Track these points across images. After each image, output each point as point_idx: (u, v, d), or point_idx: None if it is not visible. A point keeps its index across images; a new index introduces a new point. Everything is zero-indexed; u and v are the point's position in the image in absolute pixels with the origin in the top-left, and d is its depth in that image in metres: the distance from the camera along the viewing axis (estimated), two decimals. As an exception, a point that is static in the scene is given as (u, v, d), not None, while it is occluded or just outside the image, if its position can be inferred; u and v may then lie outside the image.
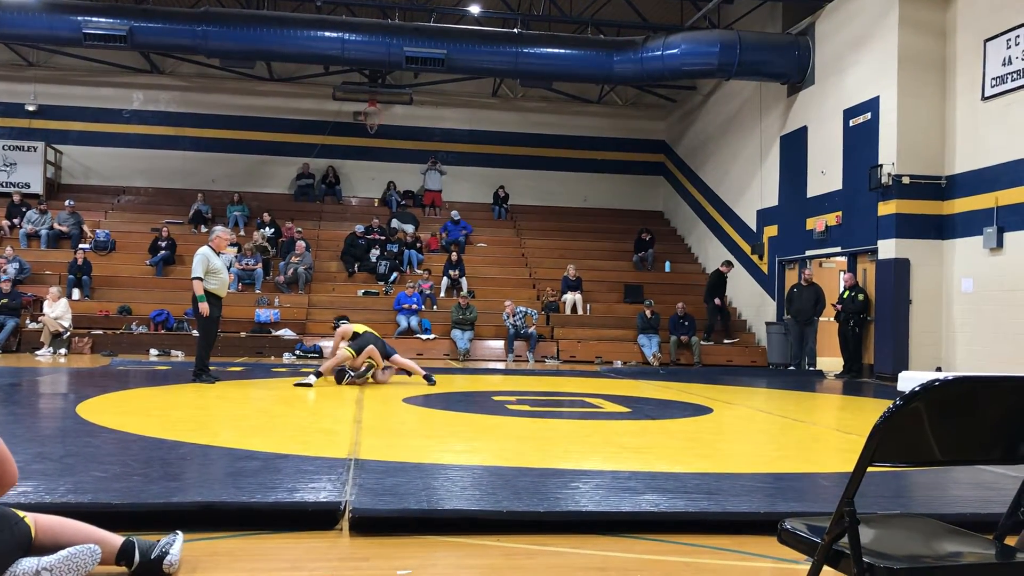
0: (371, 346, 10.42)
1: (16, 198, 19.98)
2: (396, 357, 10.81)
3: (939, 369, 13.50)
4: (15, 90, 22.21)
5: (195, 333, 16.31)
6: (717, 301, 18.18)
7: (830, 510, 2.03)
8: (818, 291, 15.92)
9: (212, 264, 10.06)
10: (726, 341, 18.14)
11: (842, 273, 15.72)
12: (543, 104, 24.22)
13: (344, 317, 12.08)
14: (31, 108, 22.24)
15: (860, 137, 15.03)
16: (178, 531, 3.17)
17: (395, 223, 21.55)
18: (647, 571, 3.26)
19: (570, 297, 19.16)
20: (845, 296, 15.05)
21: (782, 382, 13.48)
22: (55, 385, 9.82)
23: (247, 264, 18.52)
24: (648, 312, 17.91)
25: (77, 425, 6.24)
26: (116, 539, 3.03)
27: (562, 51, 18.07)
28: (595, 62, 18.04)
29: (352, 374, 10.28)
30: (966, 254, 13.45)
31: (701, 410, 8.58)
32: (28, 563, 2.82)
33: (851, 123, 15.35)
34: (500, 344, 17.67)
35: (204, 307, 9.88)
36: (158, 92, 22.96)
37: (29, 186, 20.96)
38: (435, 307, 18.47)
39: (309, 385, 9.86)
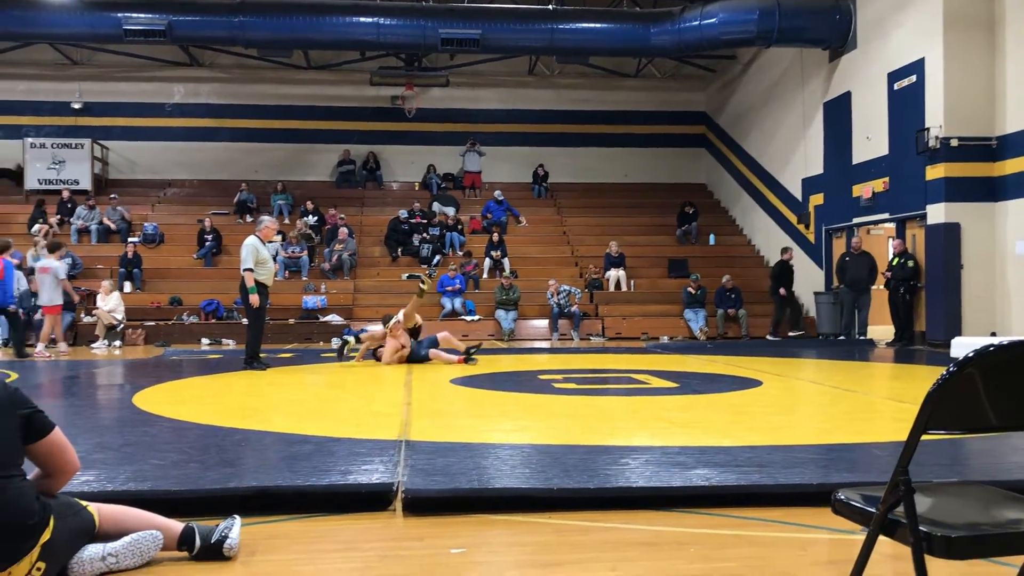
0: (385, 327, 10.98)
1: (65, 195, 20.37)
2: (433, 351, 11.00)
3: (994, 334, 13.23)
4: (61, 89, 22.62)
5: (244, 321, 16.60)
6: (783, 291, 17.19)
7: (884, 480, 2.00)
8: (871, 259, 15.67)
9: (260, 254, 10.24)
10: (791, 334, 17.16)
11: (891, 240, 15.44)
12: (580, 80, 24.04)
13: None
14: (77, 106, 22.64)
15: (906, 100, 14.71)
16: (236, 515, 3.24)
17: (436, 206, 21.60)
18: (700, 544, 3.26)
19: (613, 274, 19.08)
20: (894, 263, 14.79)
21: (832, 352, 13.32)
22: (111, 376, 10.05)
23: (292, 252, 18.72)
24: (694, 286, 17.79)
25: (134, 415, 6.38)
26: (177, 525, 3.10)
27: (597, 25, 17.92)
28: (631, 35, 17.85)
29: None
30: (1020, 216, 13.14)
31: (750, 383, 8.51)
32: (94, 549, 2.90)
33: (896, 86, 15.03)
34: (544, 323, 17.68)
35: (255, 299, 10.02)
36: (198, 85, 23.22)
37: (78, 183, 21.36)
38: (478, 288, 18.52)
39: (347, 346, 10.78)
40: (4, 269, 12.47)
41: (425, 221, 20.59)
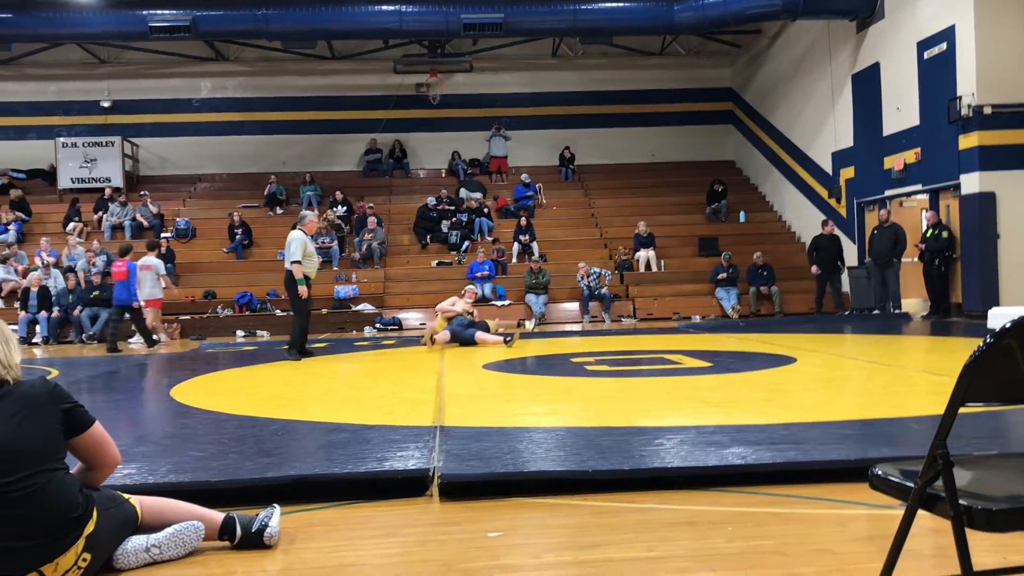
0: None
1: (107, 192, 20.61)
2: (479, 334, 11.44)
3: (1032, 304, 13.02)
4: (90, 88, 22.88)
5: (279, 313, 16.75)
6: (815, 269, 16.69)
7: (923, 454, 1.98)
8: (897, 231, 15.46)
9: (307, 248, 10.46)
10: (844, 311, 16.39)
11: (924, 211, 15.22)
12: (604, 61, 23.88)
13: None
14: (106, 104, 22.88)
15: (936, 69, 14.47)
16: (275, 504, 3.28)
17: (463, 192, 21.61)
18: (737, 523, 3.25)
19: (643, 254, 18.99)
20: (928, 235, 14.59)
21: (867, 327, 13.18)
22: (149, 371, 10.19)
23: (323, 242, 18.82)
24: (725, 264, 17.67)
25: (173, 407, 6.47)
26: (217, 515, 3.15)
27: (620, 4, 17.78)
28: (654, 13, 17.71)
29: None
30: (1056, 183, 12.91)
31: (784, 360, 8.45)
32: (137, 540, 2.96)
33: (926, 55, 14.77)
34: (575, 306, 17.66)
35: (303, 290, 10.19)
36: (224, 79, 23.38)
37: (110, 180, 21.61)
38: (506, 273, 18.53)
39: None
40: (128, 271, 13.59)
41: (453, 208, 20.61)
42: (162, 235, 19.29)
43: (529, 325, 12.47)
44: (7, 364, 2.73)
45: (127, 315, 14.02)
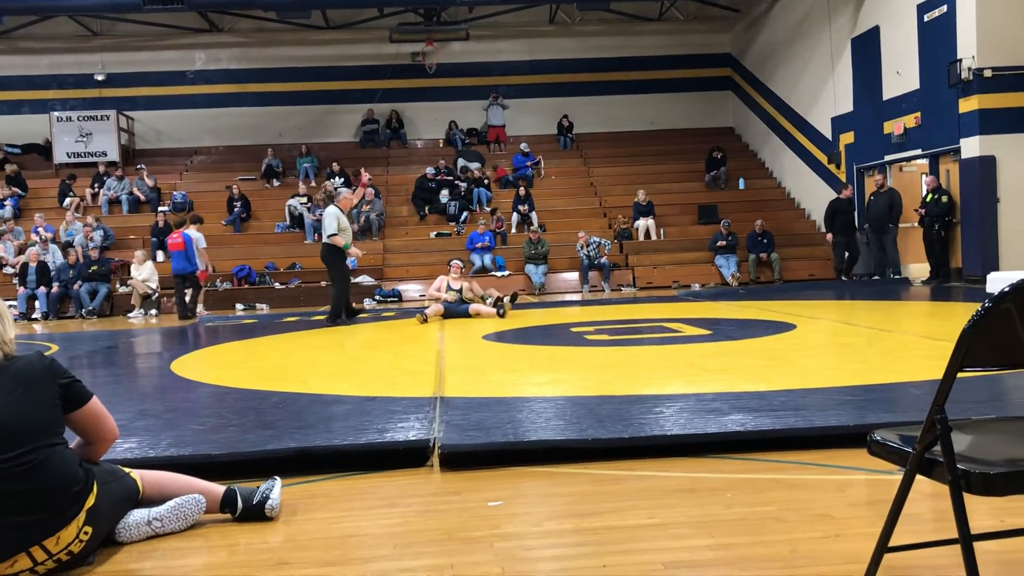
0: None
1: (101, 168, 20.51)
2: (473, 307, 11.49)
3: (1032, 268, 13.02)
4: (84, 61, 22.69)
5: (278, 285, 16.76)
6: (830, 236, 16.51)
7: (921, 419, 1.98)
8: (893, 196, 15.44)
9: (342, 222, 11.17)
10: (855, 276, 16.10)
11: (924, 176, 15.16)
12: (602, 27, 23.67)
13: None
14: (100, 78, 22.71)
15: (936, 32, 14.35)
16: (276, 477, 3.29)
17: (461, 162, 21.52)
18: (737, 489, 3.26)
19: (642, 223, 18.95)
20: (928, 199, 14.55)
21: (867, 292, 13.19)
22: (149, 345, 10.21)
23: (318, 214, 18.76)
24: (724, 231, 17.64)
25: (173, 381, 6.49)
26: (218, 488, 3.16)
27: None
28: (652, -21, 17.51)
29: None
30: (1057, 145, 12.85)
31: (784, 327, 8.46)
32: (139, 514, 2.97)
33: (926, 18, 14.64)
34: (575, 276, 17.65)
35: (355, 251, 11.62)
36: (219, 51, 23.19)
37: (106, 154, 21.51)
38: (506, 244, 18.49)
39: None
40: (184, 241, 14.14)
41: (451, 178, 20.53)
42: (159, 209, 19.24)
43: (493, 294, 12.46)
44: (3, 340, 2.73)
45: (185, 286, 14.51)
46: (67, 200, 19.53)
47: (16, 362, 2.75)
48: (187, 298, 14.39)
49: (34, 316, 15.79)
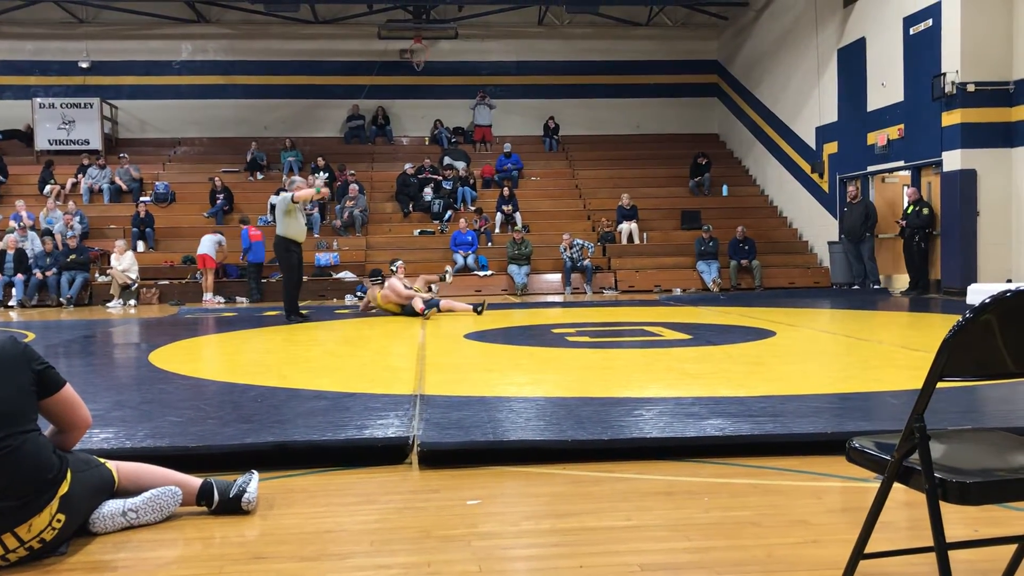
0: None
1: (85, 161, 20.31)
2: (444, 302, 11.59)
3: (1010, 281, 13.14)
4: (68, 48, 22.47)
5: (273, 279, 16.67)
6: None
7: (899, 428, 2.00)
8: (868, 207, 15.57)
9: (295, 213, 10.77)
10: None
11: (906, 188, 15.27)
12: (590, 30, 23.71)
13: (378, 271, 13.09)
14: (84, 65, 22.50)
15: (921, 46, 14.46)
16: (253, 471, 3.27)
17: (447, 160, 21.49)
18: (714, 493, 3.28)
19: (626, 227, 18.99)
20: (909, 211, 14.67)
21: (846, 302, 13.28)
22: (127, 335, 10.12)
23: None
24: (707, 237, 17.70)
25: (151, 373, 6.43)
26: (195, 481, 3.14)
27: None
28: (642, -17, 17.55)
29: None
30: (1037, 161, 12.98)
31: (764, 334, 8.50)
32: (114, 504, 2.95)
33: (911, 31, 14.76)
34: (557, 277, 17.67)
35: (320, 180, 11.61)
36: (205, 42, 23.03)
37: (88, 143, 21.32)
38: (490, 243, 18.49)
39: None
40: (243, 235, 16.14)
41: (436, 176, 20.49)
42: (141, 199, 19.10)
43: (448, 278, 12.66)
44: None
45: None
46: (47, 188, 19.35)
47: (-12, 347, 2.72)
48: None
49: (10, 304, 15.63)
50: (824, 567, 2.51)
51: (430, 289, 11.81)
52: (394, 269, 12.33)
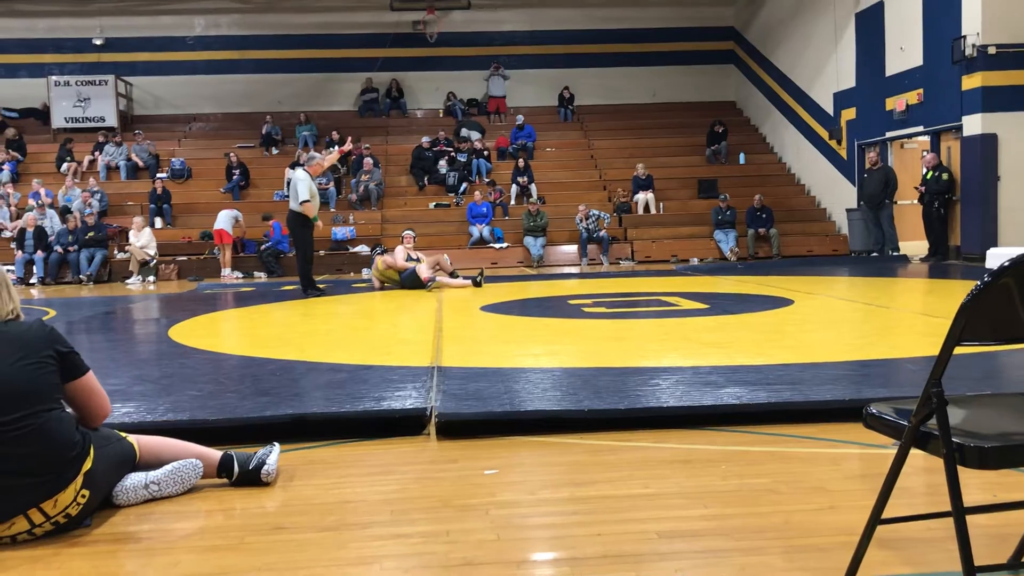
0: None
1: (100, 138, 20.39)
2: (441, 279, 11.60)
3: (1031, 246, 13.02)
4: (82, 25, 22.45)
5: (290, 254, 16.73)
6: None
7: (916, 394, 1.99)
8: (887, 173, 15.41)
9: (311, 188, 10.70)
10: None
11: (925, 153, 15.09)
12: (605, -2, 23.47)
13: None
14: (98, 42, 22.50)
15: (941, 8, 14.24)
16: (275, 443, 3.30)
17: (463, 131, 21.40)
18: (732, 461, 3.28)
19: (642, 197, 18.90)
20: (928, 177, 14.51)
21: (865, 269, 13.19)
22: (147, 311, 10.20)
23: (320, 183, 18.68)
24: (724, 206, 17.60)
25: (171, 348, 6.49)
26: (215, 453, 3.17)
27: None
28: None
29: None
30: (1059, 124, 12.80)
31: (781, 302, 8.47)
32: (136, 477, 2.98)
33: (931, -7, 14.54)
34: (573, 249, 17.63)
35: (318, 223, 10.88)
36: (218, 16, 22.96)
37: (104, 120, 21.38)
38: (506, 216, 18.46)
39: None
40: (275, 228, 16.44)
41: (450, 149, 20.43)
42: (158, 176, 19.16)
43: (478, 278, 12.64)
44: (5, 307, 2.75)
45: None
46: (65, 165, 19.45)
47: (17, 327, 2.76)
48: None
49: (31, 281, 15.78)
50: (842, 532, 2.51)
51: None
52: (402, 237, 12.36)
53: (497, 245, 17.42)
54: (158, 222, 17.94)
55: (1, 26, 22.10)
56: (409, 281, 11.39)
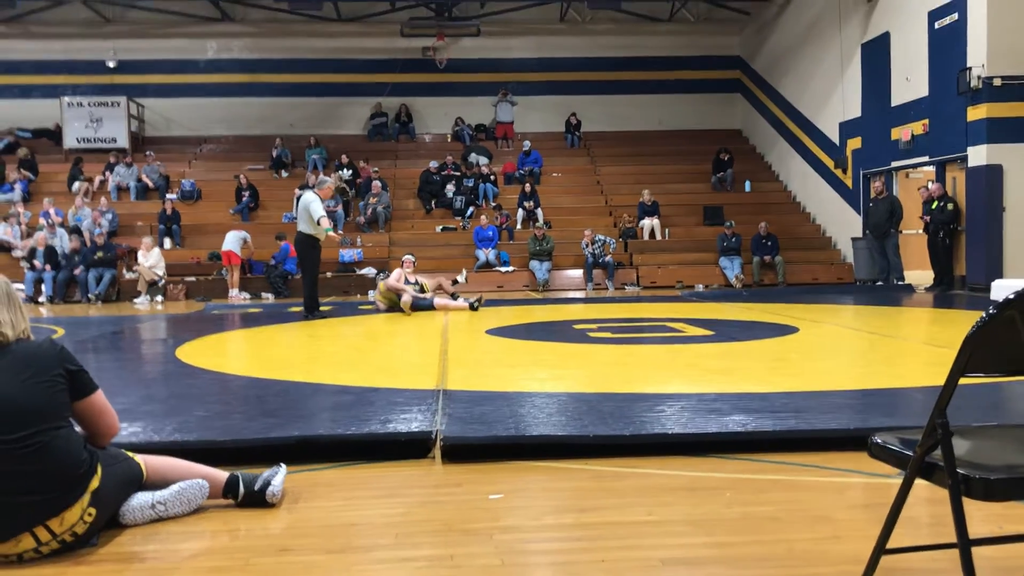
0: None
1: (112, 159, 20.53)
2: (438, 301, 11.85)
3: (1037, 278, 13.00)
4: (95, 47, 22.69)
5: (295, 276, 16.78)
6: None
7: (922, 424, 2.00)
8: (893, 203, 15.43)
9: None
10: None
11: (929, 183, 15.11)
12: (612, 26, 23.64)
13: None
14: (111, 64, 22.72)
15: (947, 40, 14.32)
16: (282, 464, 3.31)
17: (472, 156, 21.52)
18: (737, 489, 3.28)
19: (647, 223, 18.95)
20: (933, 207, 14.53)
21: (870, 298, 13.18)
22: (154, 331, 10.24)
23: (328, 206, 18.76)
24: (729, 233, 17.64)
25: (178, 368, 6.51)
26: (221, 474, 3.18)
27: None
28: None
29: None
30: (1065, 156, 12.83)
31: (786, 330, 8.47)
32: (143, 497, 3.00)
33: (936, 25, 14.62)
34: (579, 273, 17.66)
35: (335, 236, 11.37)
36: (230, 40, 23.18)
37: (115, 141, 21.54)
38: (512, 240, 18.51)
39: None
40: (283, 249, 16.70)
41: (458, 173, 20.54)
42: (167, 196, 19.27)
43: (461, 279, 12.81)
44: (10, 323, 2.76)
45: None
46: (76, 185, 19.58)
47: (27, 346, 2.78)
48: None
49: (40, 299, 15.84)
50: (846, 562, 2.51)
51: (422, 290, 11.92)
52: (402, 261, 12.46)
53: (503, 269, 17.46)
54: (167, 242, 18.02)
55: (16, 48, 22.33)
56: (418, 305, 11.56)
